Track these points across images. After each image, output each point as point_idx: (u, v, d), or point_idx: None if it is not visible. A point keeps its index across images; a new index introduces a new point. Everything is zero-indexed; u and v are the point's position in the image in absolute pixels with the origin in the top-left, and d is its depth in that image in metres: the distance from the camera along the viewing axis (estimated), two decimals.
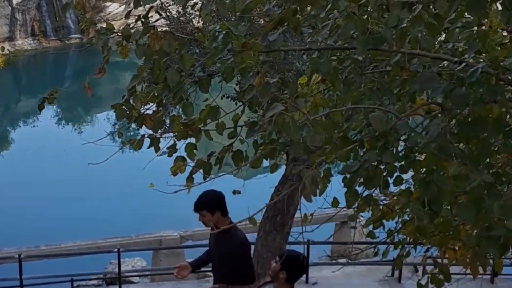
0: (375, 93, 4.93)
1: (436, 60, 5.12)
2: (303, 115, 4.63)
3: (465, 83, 4.63)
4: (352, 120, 5.03)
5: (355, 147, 4.97)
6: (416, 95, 5.18)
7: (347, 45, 5.22)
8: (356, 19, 4.71)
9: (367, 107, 4.87)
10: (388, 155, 4.57)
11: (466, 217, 4.27)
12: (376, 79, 5.15)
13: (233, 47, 4.42)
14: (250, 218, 4.59)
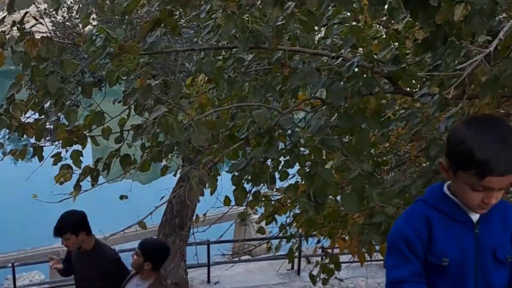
0: (258, 90, 5.00)
1: (315, 55, 5.27)
2: (188, 116, 4.64)
3: (343, 77, 4.79)
4: (237, 118, 5.09)
5: (242, 144, 5.04)
6: (298, 91, 5.30)
7: (230, 44, 5.28)
8: (235, 18, 4.76)
9: (251, 105, 4.93)
10: (273, 151, 4.66)
11: (349, 207, 4.41)
12: (259, 76, 5.23)
13: (113, 50, 4.37)
14: (139, 222, 4.56)
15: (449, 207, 2.41)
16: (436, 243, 2.40)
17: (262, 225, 6.13)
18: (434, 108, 4.04)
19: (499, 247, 2.44)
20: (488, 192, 2.29)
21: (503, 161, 2.20)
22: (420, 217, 2.43)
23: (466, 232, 2.41)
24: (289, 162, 4.84)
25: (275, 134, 4.66)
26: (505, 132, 2.25)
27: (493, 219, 2.43)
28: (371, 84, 4.72)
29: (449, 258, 2.39)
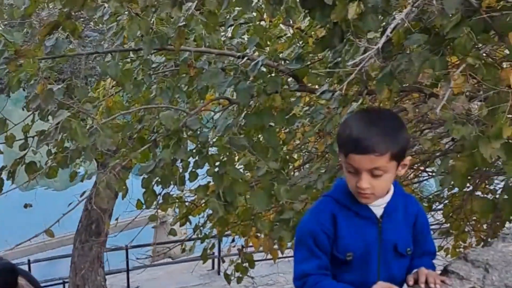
0: (165, 92, 4.98)
1: (222, 56, 5.29)
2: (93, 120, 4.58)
3: (249, 76, 4.83)
4: (144, 120, 5.05)
5: (152, 147, 5.01)
6: (206, 91, 5.32)
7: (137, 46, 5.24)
8: (139, 20, 4.73)
9: (158, 107, 4.91)
10: (181, 152, 4.65)
11: (258, 204, 4.46)
12: (165, 78, 5.21)
13: (11, 55, 4.25)
14: (46, 230, 4.46)
15: (353, 202, 2.46)
16: (341, 238, 2.44)
17: (176, 227, 6.10)
18: (335, 104, 4.13)
19: (400, 241, 2.50)
20: (357, 175, 2.36)
21: (363, 140, 2.29)
22: (326, 212, 2.47)
23: (370, 227, 2.46)
24: (198, 163, 4.84)
25: (183, 135, 4.65)
26: (380, 118, 2.37)
27: (396, 213, 2.50)
28: (276, 83, 4.79)
29: (353, 253, 2.44)
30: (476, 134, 3.37)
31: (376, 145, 2.30)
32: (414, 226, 2.58)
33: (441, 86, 3.26)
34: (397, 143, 2.35)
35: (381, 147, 2.31)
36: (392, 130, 2.36)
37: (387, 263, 2.51)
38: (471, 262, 2.55)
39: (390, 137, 2.33)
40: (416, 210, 2.60)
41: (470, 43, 3.40)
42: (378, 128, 2.33)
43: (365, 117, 2.41)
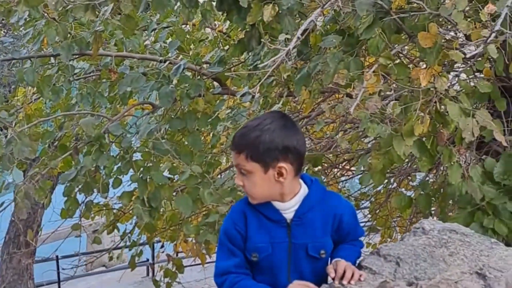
0: (86, 98, 4.92)
1: (144, 60, 5.27)
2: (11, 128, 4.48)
3: (172, 80, 4.83)
4: (65, 127, 4.97)
5: (73, 154, 4.93)
6: (129, 96, 5.28)
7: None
8: (57, 25, 4.66)
9: (78, 113, 4.85)
10: (103, 158, 4.60)
11: (183, 209, 4.46)
12: (86, 84, 5.15)
13: None
14: None
15: (264, 206, 2.49)
16: (250, 239, 2.48)
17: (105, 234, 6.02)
18: (255, 106, 4.17)
19: (312, 244, 2.52)
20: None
21: (233, 138, 2.46)
22: (239, 212, 2.52)
23: (279, 230, 2.49)
24: (121, 169, 4.79)
25: (105, 142, 4.60)
26: (252, 121, 2.47)
27: (310, 216, 2.52)
28: (199, 86, 4.80)
29: (259, 254, 2.48)
30: (390, 133, 3.47)
31: (236, 143, 2.44)
32: (338, 227, 2.60)
33: (355, 86, 3.34)
34: (253, 145, 2.41)
35: (240, 146, 2.43)
36: (259, 135, 2.41)
37: (298, 266, 2.54)
38: (383, 257, 2.62)
39: (248, 138, 2.42)
40: (339, 210, 2.61)
41: (382, 44, 3.50)
42: (248, 129, 2.43)
43: (255, 118, 2.56)
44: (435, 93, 3.60)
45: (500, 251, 2.65)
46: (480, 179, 3.92)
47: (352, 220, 2.67)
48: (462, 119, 3.56)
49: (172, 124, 4.79)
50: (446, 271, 2.53)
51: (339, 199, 2.72)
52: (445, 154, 3.82)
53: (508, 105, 4.40)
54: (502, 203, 3.91)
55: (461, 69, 4.43)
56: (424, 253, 2.62)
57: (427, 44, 3.47)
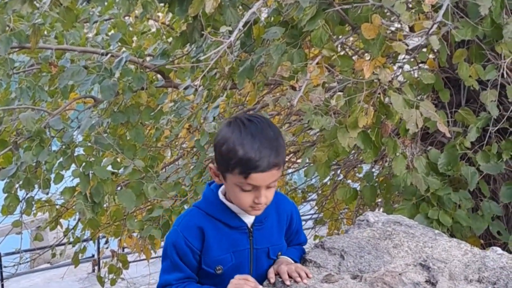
0: (25, 92, 4.78)
1: (85, 53, 5.15)
2: None
3: (114, 73, 4.72)
4: (4, 122, 4.82)
5: (13, 149, 4.80)
6: (70, 90, 5.15)
7: None
8: None
9: (16, 108, 4.71)
10: (44, 153, 4.48)
11: (127, 204, 4.38)
12: (25, 78, 5.00)
13: None
14: None
15: (223, 213, 2.40)
16: (210, 252, 2.39)
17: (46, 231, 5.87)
18: (199, 99, 4.11)
19: (273, 247, 2.49)
20: (256, 191, 2.30)
21: (263, 157, 2.23)
22: (192, 226, 2.40)
23: (241, 237, 2.42)
24: (63, 164, 4.67)
25: (45, 136, 4.47)
26: (264, 129, 2.28)
27: (268, 218, 2.47)
28: (141, 79, 4.71)
29: (223, 266, 2.40)
30: (335, 125, 3.45)
31: (274, 159, 2.26)
32: (289, 226, 2.58)
33: (298, 78, 3.31)
34: (285, 149, 2.35)
35: (280, 160, 2.29)
36: (276, 138, 2.31)
37: (260, 270, 2.49)
38: (328, 250, 2.60)
39: (279, 147, 2.30)
40: (289, 209, 2.60)
41: (325, 35, 3.48)
42: (266, 141, 2.27)
43: (243, 132, 2.28)
44: (379, 84, 3.61)
45: (444, 242, 2.67)
46: (424, 170, 3.96)
47: (298, 220, 2.66)
48: (406, 110, 3.57)
49: (115, 118, 4.69)
50: (391, 263, 2.53)
51: (286, 198, 2.69)
52: (389, 145, 3.83)
53: (452, 96, 4.45)
54: (446, 194, 3.95)
55: (404, 61, 4.46)
56: (369, 246, 2.61)
57: (371, 36, 3.47)
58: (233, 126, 2.31)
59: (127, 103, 4.79)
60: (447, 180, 4.02)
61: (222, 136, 2.32)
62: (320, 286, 2.37)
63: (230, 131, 2.30)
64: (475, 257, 2.55)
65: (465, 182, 3.98)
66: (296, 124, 5.88)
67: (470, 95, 4.58)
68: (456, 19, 3.76)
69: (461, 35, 3.66)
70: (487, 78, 3.99)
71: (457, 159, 4.02)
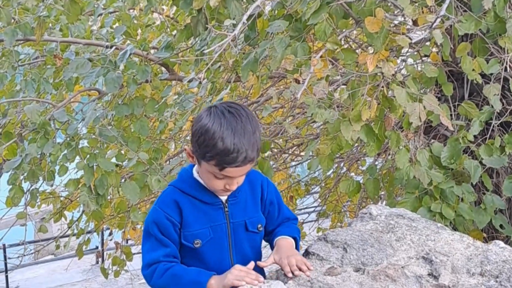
0: (30, 84, 4.79)
1: (89, 46, 5.16)
2: None
3: (118, 66, 4.73)
4: (9, 114, 4.84)
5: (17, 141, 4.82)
6: (74, 82, 5.17)
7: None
8: (0, 10, 4.52)
9: (22, 100, 4.72)
10: (48, 146, 4.50)
11: (131, 196, 4.40)
12: (30, 70, 5.02)
13: None
14: None
15: (198, 190, 2.46)
16: (187, 226, 2.44)
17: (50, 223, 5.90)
18: (203, 92, 4.12)
19: (249, 219, 2.54)
20: (229, 179, 2.37)
21: (241, 153, 2.29)
22: (169, 201, 2.46)
23: (216, 212, 2.48)
24: (67, 156, 4.68)
25: (50, 129, 4.49)
26: (243, 122, 2.32)
27: (242, 193, 2.52)
28: (146, 72, 4.72)
29: (202, 240, 2.45)
30: (338, 118, 3.47)
31: (252, 155, 2.32)
32: (263, 198, 2.62)
33: (301, 71, 3.32)
34: (260, 141, 2.40)
35: (254, 155, 2.34)
36: (254, 132, 2.35)
37: (239, 244, 2.54)
38: (331, 243, 2.62)
39: (256, 141, 2.35)
40: (260, 181, 2.64)
41: (329, 29, 3.49)
42: (245, 135, 2.31)
43: (223, 124, 2.31)
44: (383, 78, 3.62)
45: (446, 235, 2.68)
46: (427, 164, 3.97)
47: (275, 192, 2.69)
48: (409, 104, 3.58)
49: (119, 110, 4.71)
50: (393, 256, 2.55)
51: (257, 172, 2.72)
52: (392, 138, 3.84)
53: (455, 89, 4.46)
54: (449, 187, 3.96)
55: (408, 54, 4.46)
56: (371, 239, 2.63)
57: (374, 29, 3.47)
58: (213, 115, 2.34)
59: (132, 96, 4.80)
60: (450, 173, 4.03)
61: (201, 125, 2.35)
62: (323, 278, 2.39)
63: (210, 120, 2.33)
64: (477, 251, 2.57)
65: (468, 175, 3.98)
66: (300, 117, 5.89)
67: (473, 88, 4.59)
68: (459, 13, 3.76)
69: (464, 29, 3.66)
70: (490, 72, 3.99)
71: (460, 152, 4.02)
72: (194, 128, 2.40)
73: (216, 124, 2.31)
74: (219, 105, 2.40)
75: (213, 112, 2.36)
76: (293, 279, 2.40)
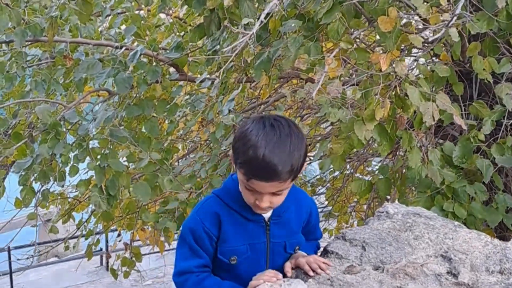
0: (40, 84, 4.80)
1: (99, 46, 5.17)
2: None
3: (128, 66, 4.74)
4: (19, 115, 4.85)
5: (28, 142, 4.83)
6: (84, 83, 5.18)
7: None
8: (9, 11, 4.52)
9: (32, 100, 4.73)
10: (59, 146, 4.50)
11: (142, 196, 4.40)
12: (40, 71, 5.02)
13: None
14: None
15: (241, 204, 2.37)
16: (226, 241, 2.38)
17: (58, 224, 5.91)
18: (215, 92, 4.12)
19: (290, 241, 2.48)
20: (258, 194, 2.27)
21: (267, 168, 2.19)
22: (210, 213, 2.39)
23: (258, 230, 2.41)
24: (78, 157, 4.68)
25: (61, 129, 4.50)
26: (282, 138, 2.22)
27: (286, 213, 2.46)
28: (156, 72, 4.73)
29: (238, 257, 2.39)
30: (351, 117, 3.47)
31: (281, 172, 2.20)
32: (308, 222, 2.58)
33: (316, 71, 3.32)
34: (300, 164, 2.28)
35: (286, 175, 2.23)
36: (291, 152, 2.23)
37: (276, 264, 2.48)
38: (349, 241, 2.62)
39: (295, 161, 2.24)
40: (309, 206, 2.59)
41: (342, 28, 3.49)
42: (284, 151, 2.21)
43: (261, 135, 2.22)
44: (395, 77, 3.62)
45: (464, 233, 2.68)
46: (439, 163, 3.97)
47: (317, 216, 2.66)
48: (422, 103, 3.58)
49: (129, 110, 4.71)
50: (412, 254, 2.54)
51: (305, 194, 2.68)
52: (404, 138, 3.84)
53: (465, 89, 4.46)
54: (461, 186, 3.96)
55: (420, 54, 4.46)
56: (389, 237, 2.63)
57: (387, 28, 3.47)
58: (255, 124, 2.27)
59: (142, 96, 4.80)
60: (461, 172, 4.03)
61: (242, 130, 2.30)
62: (342, 277, 2.39)
63: (250, 128, 2.27)
64: (496, 249, 2.57)
65: (479, 174, 3.98)
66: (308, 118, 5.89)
67: (482, 88, 4.59)
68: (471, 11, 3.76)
69: (476, 28, 3.66)
70: (501, 71, 4.00)
71: (471, 152, 4.03)
72: (236, 133, 2.36)
73: (254, 132, 2.24)
74: (266, 116, 2.33)
75: (257, 121, 2.29)
76: (313, 278, 2.39)
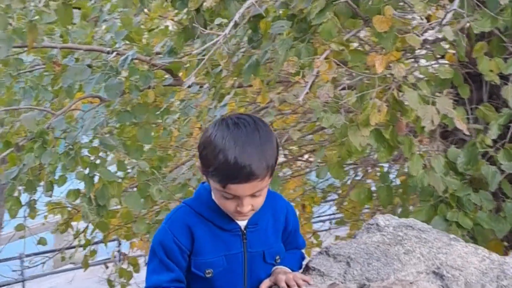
0: (28, 92, 4.65)
1: (91, 51, 5.01)
2: None
3: (119, 72, 4.58)
4: (6, 123, 4.70)
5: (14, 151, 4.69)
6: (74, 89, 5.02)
7: None
8: None
9: (19, 108, 4.58)
10: (46, 155, 4.34)
11: (133, 206, 4.23)
12: (29, 77, 4.88)
13: None
14: None
15: (215, 213, 2.19)
16: (199, 254, 2.19)
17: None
18: (204, 96, 3.94)
19: (268, 250, 2.30)
20: (238, 199, 2.11)
21: (242, 168, 2.03)
22: (181, 225, 2.19)
23: (234, 240, 2.23)
24: (66, 166, 4.51)
25: (48, 138, 4.33)
26: (249, 135, 2.07)
27: (263, 221, 2.28)
28: (148, 78, 4.56)
29: (214, 269, 2.21)
30: (345, 122, 3.26)
31: (257, 170, 2.05)
32: (286, 229, 2.38)
33: (304, 74, 3.12)
34: (274, 157, 2.13)
35: (263, 171, 2.07)
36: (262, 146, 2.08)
37: (255, 275, 2.29)
38: (333, 257, 2.41)
39: (269, 156, 2.08)
40: (285, 211, 2.39)
41: (335, 29, 3.29)
42: (254, 148, 2.06)
43: (226, 137, 2.06)
44: (393, 80, 3.41)
45: (459, 247, 2.46)
46: (443, 170, 3.74)
47: (295, 221, 2.45)
48: (421, 107, 3.37)
49: (121, 117, 4.54)
50: (401, 271, 2.33)
51: (281, 197, 2.46)
52: (405, 144, 3.63)
53: (473, 92, 4.24)
54: (466, 194, 3.73)
55: (421, 55, 4.26)
56: (378, 252, 2.42)
57: (383, 28, 3.27)
58: (218, 128, 2.10)
59: (134, 103, 4.63)
60: (467, 180, 3.81)
61: (206, 138, 2.11)
62: None
63: (214, 133, 2.09)
64: (493, 264, 2.36)
65: (486, 182, 3.75)
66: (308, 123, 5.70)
67: (492, 91, 4.37)
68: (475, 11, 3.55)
69: (479, 27, 3.45)
70: (509, 72, 3.78)
71: (477, 157, 3.80)
72: (199, 142, 2.17)
73: (219, 136, 2.07)
74: (227, 117, 2.14)
75: (219, 123, 2.12)
76: None
